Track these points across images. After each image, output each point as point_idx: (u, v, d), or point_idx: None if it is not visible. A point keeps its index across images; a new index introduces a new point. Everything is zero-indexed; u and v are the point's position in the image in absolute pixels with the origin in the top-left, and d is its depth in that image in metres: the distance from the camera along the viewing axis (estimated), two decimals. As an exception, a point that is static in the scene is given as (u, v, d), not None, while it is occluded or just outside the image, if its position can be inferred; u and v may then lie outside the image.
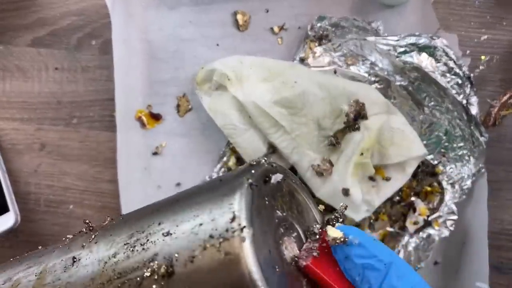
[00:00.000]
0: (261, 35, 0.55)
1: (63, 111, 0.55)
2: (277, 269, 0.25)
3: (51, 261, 0.30)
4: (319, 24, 0.53)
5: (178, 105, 0.54)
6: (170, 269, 0.24)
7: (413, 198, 0.51)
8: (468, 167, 0.50)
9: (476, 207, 0.50)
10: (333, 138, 0.49)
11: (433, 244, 0.49)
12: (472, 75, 0.51)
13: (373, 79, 0.52)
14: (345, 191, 0.47)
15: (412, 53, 0.51)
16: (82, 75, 0.56)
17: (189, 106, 0.54)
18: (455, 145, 0.51)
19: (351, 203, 0.48)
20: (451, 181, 0.50)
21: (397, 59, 0.51)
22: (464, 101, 0.50)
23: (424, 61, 0.51)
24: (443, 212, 0.50)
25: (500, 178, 0.53)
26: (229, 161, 0.52)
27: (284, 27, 0.55)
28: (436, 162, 0.51)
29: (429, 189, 0.51)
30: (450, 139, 0.51)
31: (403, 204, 0.51)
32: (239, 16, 0.54)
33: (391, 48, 0.51)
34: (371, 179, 0.49)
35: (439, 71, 0.50)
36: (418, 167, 0.50)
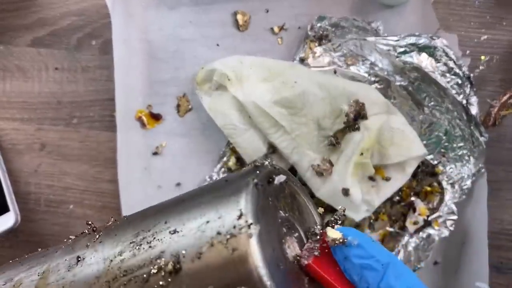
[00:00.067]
0: (261, 35, 0.55)
1: (63, 111, 0.55)
2: (281, 267, 0.25)
3: (54, 261, 0.30)
4: (319, 24, 0.54)
5: (178, 105, 0.54)
6: (177, 265, 0.24)
7: (413, 198, 0.51)
8: (468, 167, 0.50)
9: (476, 207, 0.50)
10: (333, 138, 0.49)
11: (433, 244, 0.49)
12: (472, 75, 0.51)
13: (373, 79, 0.52)
14: (345, 191, 0.47)
15: (412, 53, 0.51)
16: (82, 75, 0.56)
17: (189, 106, 0.54)
18: (455, 145, 0.51)
19: (351, 203, 0.48)
20: (451, 181, 0.50)
21: (397, 59, 0.51)
22: (464, 101, 0.50)
23: (424, 61, 0.51)
24: (443, 212, 0.50)
25: (500, 178, 0.53)
26: (229, 161, 0.52)
27: (284, 27, 0.55)
28: (436, 162, 0.51)
29: (429, 189, 0.51)
30: (450, 139, 0.51)
31: (403, 204, 0.51)
32: (239, 16, 0.54)
33: (391, 48, 0.51)
34: (371, 179, 0.49)
35: (439, 71, 0.50)
36: (418, 167, 0.50)
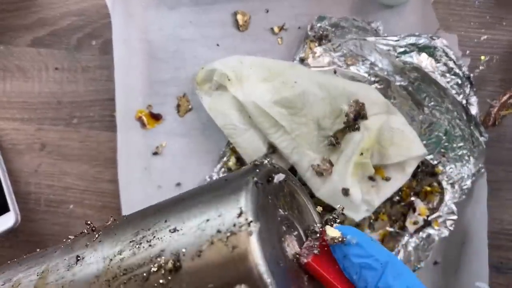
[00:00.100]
0: (261, 35, 0.55)
1: (63, 111, 0.55)
2: (281, 265, 0.25)
3: (53, 261, 0.30)
4: (319, 24, 0.54)
5: (178, 105, 0.54)
6: (177, 264, 0.24)
7: (413, 198, 0.51)
8: (467, 167, 0.50)
9: (475, 207, 0.50)
10: (333, 138, 0.49)
11: (433, 244, 0.49)
12: (472, 75, 0.51)
13: (373, 79, 0.52)
14: (345, 191, 0.47)
15: (412, 53, 0.51)
16: (82, 75, 0.56)
17: (189, 106, 0.54)
18: (455, 145, 0.51)
19: (351, 203, 0.48)
20: (451, 181, 0.50)
21: (397, 59, 0.51)
22: (464, 101, 0.50)
23: (424, 61, 0.51)
24: (442, 212, 0.50)
25: (500, 178, 0.53)
26: (229, 161, 0.52)
27: (284, 27, 0.55)
28: (435, 162, 0.51)
29: (428, 189, 0.51)
30: (449, 139, 0.51)
31: (403, 204, 0.51)
32: (239, 16, 0.55)
33: (391, 48, 0.51)
34: (371, 179, 0.49)
35: (439, 71, 0.51)
36: (417, 167, 0.50)
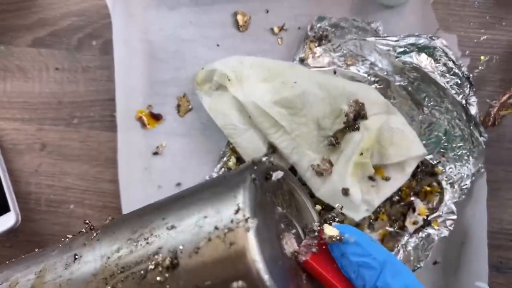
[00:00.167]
0: (261, 36, 0.55)
1: (63, 111, 0.55)
2: (279, 262, 0.25)
3: (51, 260, 0.30)
4: (319, 25, 0.54)
5: (178, 105, 0.54)
6: (174, 261, 0.24)
7: (412, 198, 0.51)
8: (467, 167, 0.50)
9: (475, 207, 0.50)
10: (333, 138, 0.49)
11: (433, 244, 0.49)
12: (471, 75, 0.51)
13: (372, 79, 0.53)
14: (345, 191, 0.47)
15: (411, 54, 0.51)
16: (82, 75, 0.56)
17: (190, 106, 0.54)
18: (455, 145, 0.51)
19: (351, 203, 0.48)
20: (451, 181, 0.50)
21: (396, 59, 0.51)
22: (464, 101, 0.50)
23: (424, 61, 0.51)
24: (442, 212, 0.50)
25: (499, 178, 0.53)
26: (229, 161, 0.52)
27: (284, 27, 0.55)
28: (435, 162, 0.51)
29: (428, 189, 0.51)
30: (449, 139, 0.51)
31: (402, 204, 0.51)
32: (239, 17, 0.55)
33: (391, 48, 0.51)
34: (371, 179, 0.49)
35: (439, 71, 0.51)
36: (417, 167, 0.50)
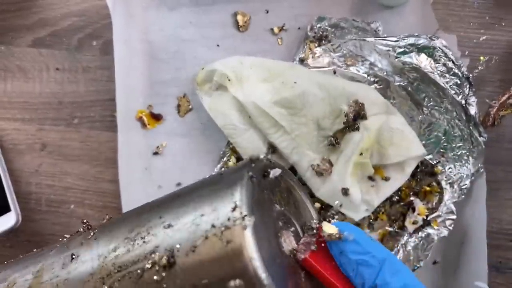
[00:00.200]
0: (261, 36, 0.55)
1: (64, 111, 0.55)
2: (277, 260, 0.25)
3: (49, 260, 0.30)
4: (318, 25, 0.54)
5: (178, 105, 0.54)
6: (171, 259, 0.24)
7: (412, 198, 0.51)
8: (467, 167, 0.51)
9: (475, 207, 0.50)
10: (333, 138, 0.49)
11: (432, 244, 0.49)
12: (471, 75, 0.51)
13: (372, 79, 0.53)
14: (345, 191, 0.48)
15: (411, 54, 0.51)
16: (83, 76, 0.56)
17: (190, 106, 0.54)
18: (454, 145, 0.51)
19: (351, 202, 0.48)
20: (450, 181, 0.50)
21: (396, 60, 0.51)
22: (463, 101, 0.50)
23: (423, 61, 0.51)
24: (442, 212, 0.50)
25: (499, 178, 0.53)
26: (229, 161, 0.53)
27: (284, 27, 0.55)
28: (435, 162, 0.51)
29: (428, 189, 0.51)
30: (449, 139, 0.51)
31: (402, 203, 0.51)
32: (239, 17, 0.55)
33: (391, 48, 0.51)
34: (371, 179, 0.49)
35: (438, 72, 0.51)
36: (417, 167, 0.50)
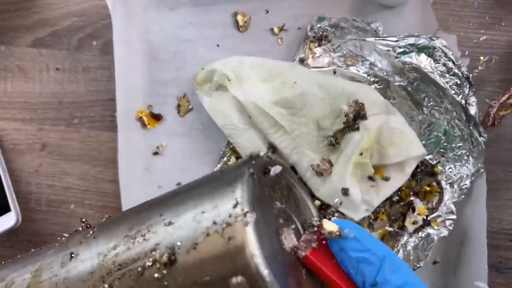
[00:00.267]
0: (261, 36, 0.55)
1: (64, 111, 0.55)
2: (278, 257, 0.25)
3: (47, 259, 0.29)
4: (318, 25, 0.54)
5: (178, 105, 0.54)
6: (172, 257, 0.24)
7: (412, 198, 0.51)
8: (467, 167, 0.51)
9: (475, 207, 0.50)
10: (333, 138, 0.49)
11: (432, 244, 0.49)
12: (471, 75, 0.51)
13: (372, 79, 0.53)
14: (345, 191, 0.48)
15: (411, 54, 0.51)
16: (83, 76, 0.56)
17: (190, 106, 0.54)
18: (454, 145, 0.51)
19: (351, 202, 0.48)
20: (450, 181, 0.50)
21: (396, 60, 0.51)
22: (463, 101, 0.50)
23: (423, 61, 0.51)
24: (442, 212, 0.50)
25: (499, 178, 0.53)
26: (229, 161, 0.53)
27: (284, 27, 0.55)
28: (435, 162, 0.51)
29: (428, 189, 0.51)
30: (449, 139, 0.51)
31: (402, 203, 0.51)
32: (239, 17, 0.55)
33: (391, 48, 0.51)
34: (371, 179, 0.49)
35: (438, 72, 0.51)
36: (417, 167, 0.51)
